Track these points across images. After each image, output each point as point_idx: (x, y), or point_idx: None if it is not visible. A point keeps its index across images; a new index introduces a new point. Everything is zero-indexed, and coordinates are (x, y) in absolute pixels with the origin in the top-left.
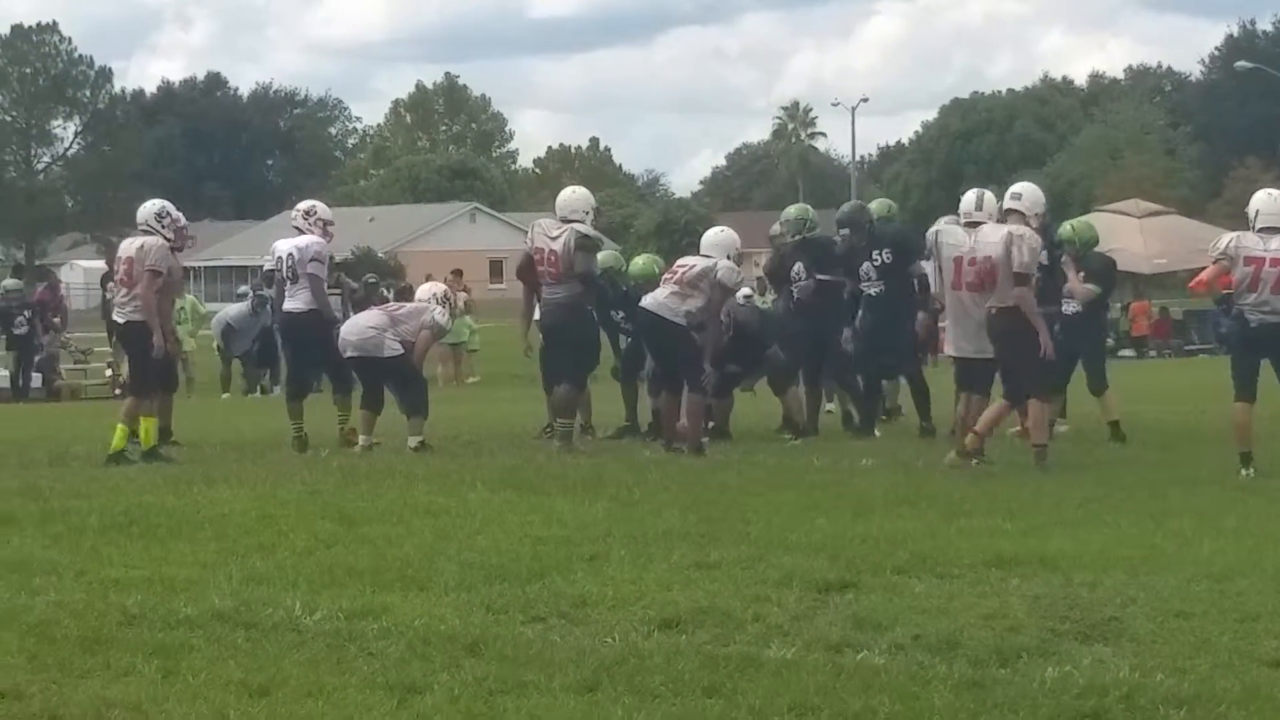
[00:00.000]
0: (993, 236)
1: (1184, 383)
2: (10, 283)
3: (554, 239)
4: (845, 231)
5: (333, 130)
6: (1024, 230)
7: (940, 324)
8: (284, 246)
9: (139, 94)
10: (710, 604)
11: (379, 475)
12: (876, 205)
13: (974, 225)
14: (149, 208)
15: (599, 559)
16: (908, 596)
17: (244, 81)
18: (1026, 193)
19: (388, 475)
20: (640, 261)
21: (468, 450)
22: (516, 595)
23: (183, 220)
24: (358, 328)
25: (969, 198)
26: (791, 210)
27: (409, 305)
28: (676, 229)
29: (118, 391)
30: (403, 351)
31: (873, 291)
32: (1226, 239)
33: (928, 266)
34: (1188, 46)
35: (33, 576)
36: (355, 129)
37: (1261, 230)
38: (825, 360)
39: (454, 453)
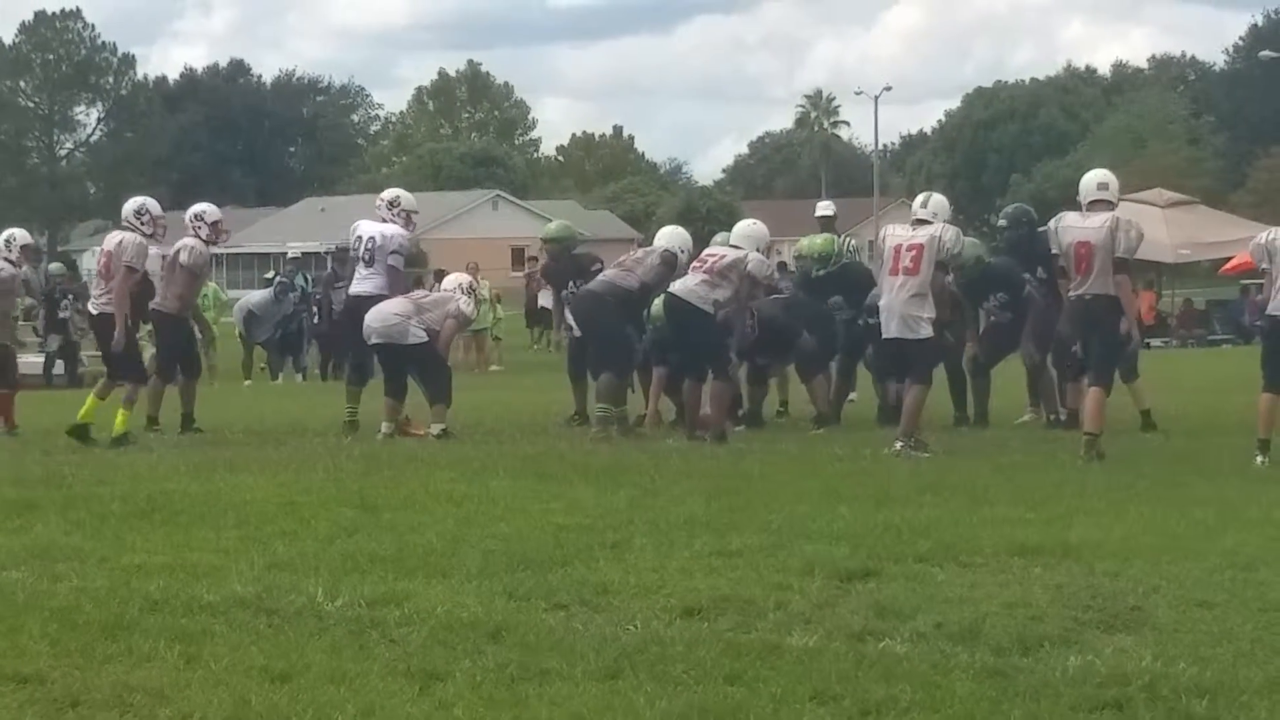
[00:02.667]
0: (1094, 222)
1: (1207, 373)
2: (55, 266)
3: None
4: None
5: (355, 117)
6: (1130, 217)
7: None
8: (367, 229)
9: (162, 80)
10: (732, 592)
11: (401, 462)
12: (823, 242)
13: (921, 222)
14: (129, 205)
15: (621, 547)
16: (930, 585)
17: (267, 68)
18: (1113, 181)
19: (410, 462)
20: None
21: (490, 438)
22: (539, 583)
23: (161, 214)
24: (382, 315)
25: (918, 198)
26: (817, 243)
27: (435, 294)
28: (698, 217)
29: None
30: (427, 339)
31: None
32: (1263, 236)
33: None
34: (1211, 36)
35: (55, 563)
36: (378, 116)
37: None
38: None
39: (476, 440)
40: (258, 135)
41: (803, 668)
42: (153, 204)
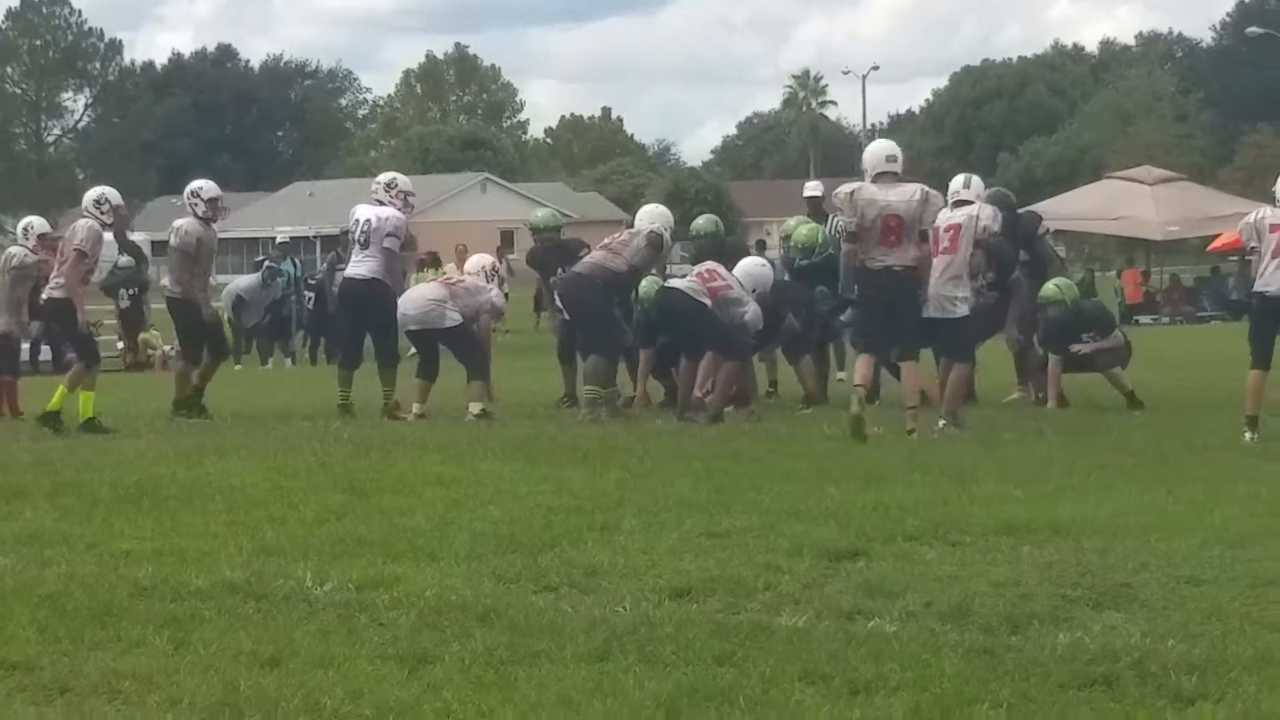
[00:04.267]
0: (902, 194)
1: (1196, 349)
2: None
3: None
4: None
5: (343, 101)
6: (933, 190)
7: None
8: (364, 212)
9: (149, 66)
10: (721, 573)
11: (390, 445)
12: (704, 221)
13: (961, 204)
14: (89, 194)
15: (610, 528)
16: (919, 564)
17: (254, 53)
18: (899, 154)
19: (399, 445)
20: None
21: (479, 420)
22: (528, 565)
23: (121, 203)
24: (417, 301)
25: (957, 180)
26: (802, 233)
27: (466, 282)
28: (687, 198)
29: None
30: (462, 320)
31: None
32: (1252, 215)
33: None
34: (1199, 12)
35: (44, 549)
36: (365, 100)
37: None
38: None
39: (465, 423)
40: (245, 120)
41: (792, 648)
42: (112, 193)
